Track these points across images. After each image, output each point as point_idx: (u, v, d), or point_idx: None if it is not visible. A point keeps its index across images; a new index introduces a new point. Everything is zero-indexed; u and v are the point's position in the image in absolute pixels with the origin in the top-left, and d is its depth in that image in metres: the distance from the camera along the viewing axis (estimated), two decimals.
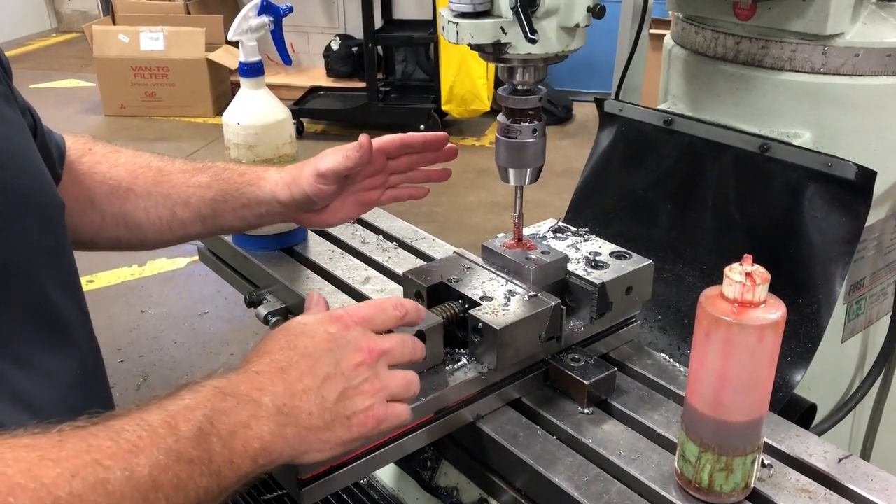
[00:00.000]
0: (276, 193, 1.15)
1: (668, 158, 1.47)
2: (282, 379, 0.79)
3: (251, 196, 1.16)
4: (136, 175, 1.15)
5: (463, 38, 0.98)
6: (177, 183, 1.16)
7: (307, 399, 0.78)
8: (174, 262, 4.09)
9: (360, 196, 1.24)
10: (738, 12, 1.34)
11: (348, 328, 0.84)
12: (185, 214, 1.15)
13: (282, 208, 1.17)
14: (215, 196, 1.15)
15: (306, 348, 0.82)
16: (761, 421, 0.89)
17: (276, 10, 1.40)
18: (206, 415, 0.71)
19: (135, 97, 6.20)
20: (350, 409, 0.81)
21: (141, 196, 1.14)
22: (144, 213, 1.14)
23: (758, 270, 0.84)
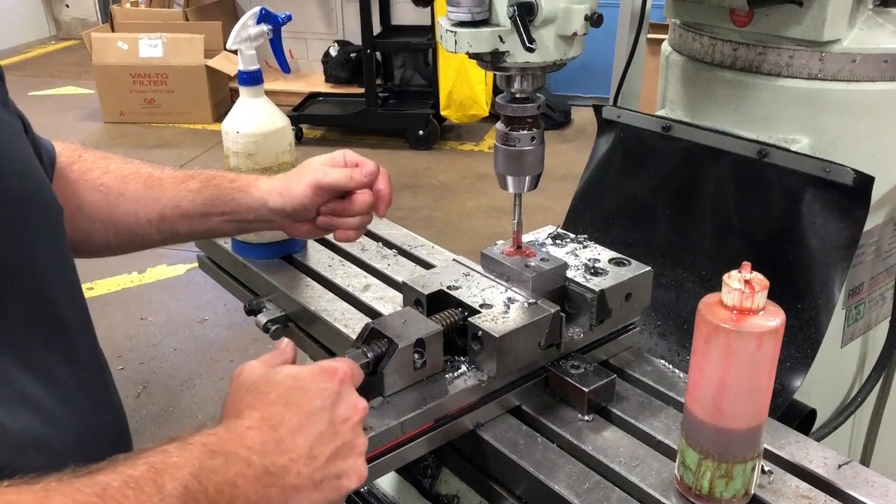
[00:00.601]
0: (267, 201, 1.15)
1: (666, 164, 1.47)
2: (272, 437, 0.77)
3: (241, 202, 1.16)
4: (127, 181, 1.15)
5: (461, 47, 0.98)
6: (167, 188, 1.16)
7: (297, 459, 0.77)
8: (174, 269, 4.09)
9: None
10: (736, 19, 1.34)
11: (343, 383, 0.83)
12: (173, 216, 1.16)
13: (271, 215, 1.17)
14: (205, 200, 1.16)
15: (299, 404, 0.79)
16: (761, 427, 0.89)
17: (275, 18, 1.40)
18: (193, 473, 0.70)
19: (134, 104, 6.21)
20: (341, 468, 0.80)
21: (131, 201, 1.14)
22: (134, 218, 1.14)
23: (756, 277, 0.84)
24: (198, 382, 3.25)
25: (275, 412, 0.78)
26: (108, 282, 3.93)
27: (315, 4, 6.69)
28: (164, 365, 3.35)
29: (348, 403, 0.83)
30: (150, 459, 0.70)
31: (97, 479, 0.66)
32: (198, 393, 3.18)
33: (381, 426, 0.96)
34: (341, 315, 1.31)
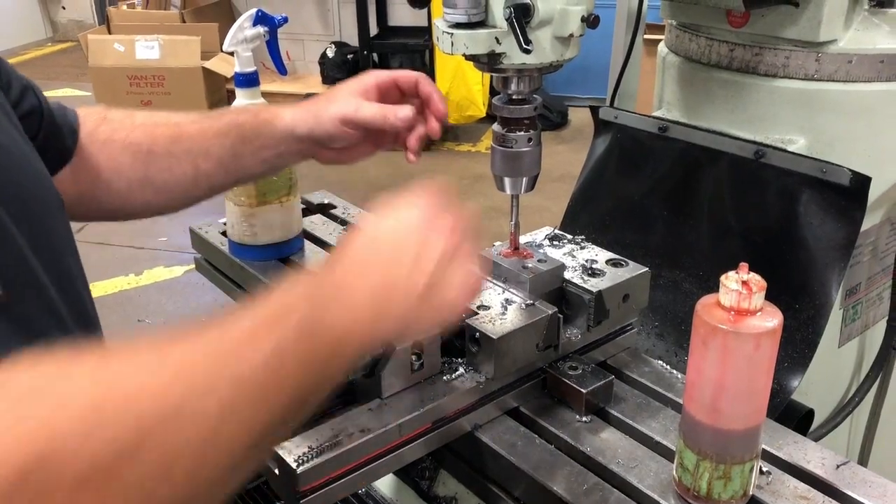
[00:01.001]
0: (294, 128, 1.13)
1: (663, 165, 1.47)
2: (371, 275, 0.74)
3: (269, 135, 1.14)
4: (155, 136, 1.14)
5: (458, 49, 0.98)
6: (194, 136, 1.14)
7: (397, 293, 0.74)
8: (171, 271, 4.09)
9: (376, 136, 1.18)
10: (732, 20, 1.34)
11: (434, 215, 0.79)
12: (207, 166, 1.14)
13: (298, 144, 1.14)
14: (234, 141, 1.14)
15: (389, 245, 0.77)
16: (759, 428, 0.89)
17: (272, 20, 1.40)
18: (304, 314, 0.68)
19: (130, 106, 6.15)
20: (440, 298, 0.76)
21: (162, 156, 1.13)
22: (169, 173, 1.13)
23: (754, 278, 0.84)
24: None
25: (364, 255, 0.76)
26: (105, 284, 3.92)
27: (312, 6, 6.69)
28: None
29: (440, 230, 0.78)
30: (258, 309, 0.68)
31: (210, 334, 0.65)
32: None
33: (379, 428, 0.96)
34: None
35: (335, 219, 1.64)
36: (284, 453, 0.90)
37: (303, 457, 0.90)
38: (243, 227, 1.44)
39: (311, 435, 0.94)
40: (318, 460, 0.91)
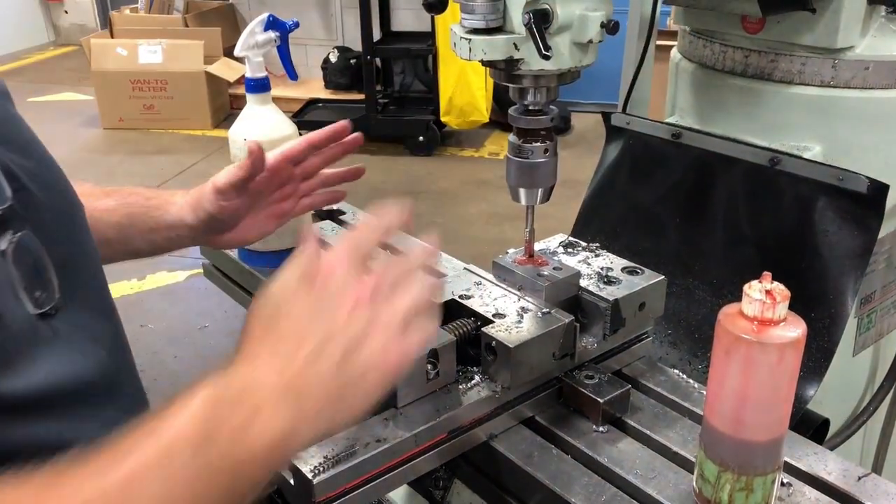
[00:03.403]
0: (183, 217, 1.14)
1: (676, 172, 1.46)
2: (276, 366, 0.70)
3: (159, 220, 1.15)
4: None
5: (476, 55, 0.97)
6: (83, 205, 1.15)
7: (309, 377, 0.70)
8: (174, 276, 4.08)
9: (272, 209, 1.22)
10: (747, 26, 1.33)
11: (325, 283, 0.74)
12: None
13: (191, 231, 1.15)
14: (121, 220, 1.14)
15: (289, 324, 0.73)
16: (782, 440, 0.88)
17: (283, 25, 1.40)
18: (199, 432, 0.66)
19: (133, 110, 6.20)
20: (360, 363, 0.72)
21: None
22: None
23: (777, 287, 0.83)
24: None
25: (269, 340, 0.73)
26: None
27: (315, 11, 6.69)
28: (164, 373, 3.33)
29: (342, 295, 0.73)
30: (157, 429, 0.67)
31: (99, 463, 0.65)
32: None
33: (395, 438, 0.94)
34: None
35: (344, 225, 1.63)
36: (301, 463, 0.89)
37: (319, 467, 0.89)
38: None
39: (327, 445, 0.92)
40: (334, 471, 0.89)
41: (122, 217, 1.14)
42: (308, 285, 0.75)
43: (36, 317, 0.78)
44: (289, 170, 1.21)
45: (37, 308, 0.78)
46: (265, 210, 1.21)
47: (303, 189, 1.24)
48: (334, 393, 0.71)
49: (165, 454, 0.66)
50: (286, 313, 0.74)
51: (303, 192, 1.24)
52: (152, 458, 0.65)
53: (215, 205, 1.12)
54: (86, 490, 0.63)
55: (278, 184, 1.21)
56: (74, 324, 0.83)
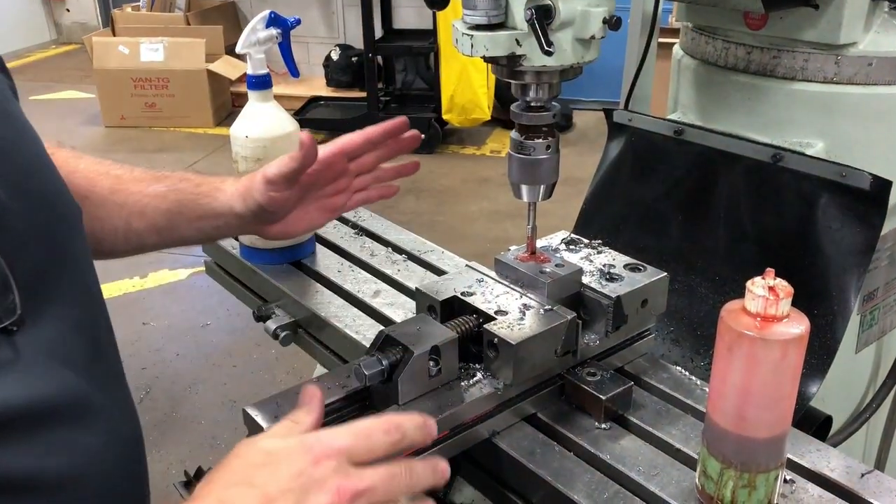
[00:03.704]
0: (233, 205, 1.12)
1: (678, 169, 1.46)
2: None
3: (207, 208, 1.13)
4: (94, 183, 1.11)
5: (478, 51, 0.97)
6: (133, 192, 1.12)
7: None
8: (176, 274, 4.08)
9: (324, 202, 1.19)
10: (750, 22, 1.33)
11: (318, 462, 0.71)
12: (139, 225, 1.12)
13: (238, 220, 1.13)
14: (170, 207, 1.12)
15: (265, 486, 0.70)
16: (785, 436, 0.87)
17: (284, 22, 1.39)
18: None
19: (135, 108, 6.20)
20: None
21: (96, 205, 1.10)
22: (99, 223, 1.10)
23: (780, 284, 0.83)
24: (201, 388, 3.23)
25: (232, 496, 0.69)
26: (109, 286, 3.91)
27: (316, 8, 6.69)
28: (166, 370, 3.34)
29: (322, 487, 0.70)
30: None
31: None
32: (201, 399, 3.16)
33: None
34: (352, 321, 1.30)
35: (346, 222, 1.63)
36: None
37: None
38: None
39: None
40: None
41: (171, 203, 1.12)
42: (301, 457, 0.72)
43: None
44: (343, 163, 1.17)
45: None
46: (316, 203, 1.18)
47: (356, 184, 1.21)
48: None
49: None
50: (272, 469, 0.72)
51: (356, 187, 1.21)
52: None
53: (265, 195, 1.09)
54: None
55: (332, 177, 1.18)
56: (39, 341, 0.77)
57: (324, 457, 0.72)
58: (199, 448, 2.87)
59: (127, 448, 0.87)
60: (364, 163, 1.20)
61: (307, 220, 1.18)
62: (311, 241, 1.50)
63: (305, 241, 1.48)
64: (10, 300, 0.74)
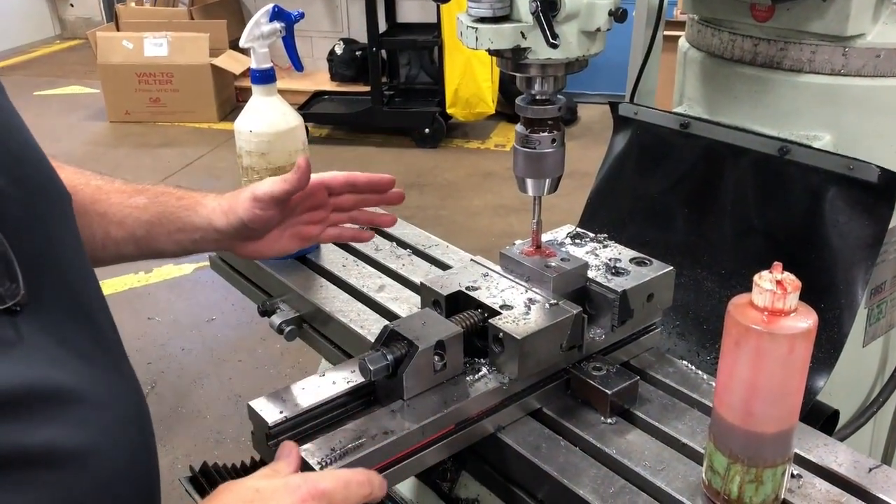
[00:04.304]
0: (213, 220, 1.14)
1: (684, 162, 1.45)
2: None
3: (187, 221, 1.14)
4: (75, 191, 1.11)
5: (482, 44, 0.97)
6: (113, 202, 1.13)
7: None
8: (181, 269, 4.08)
9: (299, 230, 1.22)
10: (756, 14, 1.32)
11: (304, 502, 0.77)
12: (118, 234, 1.13)
13: (217, 235, 1.15)
14: (151, 218, 1.13)
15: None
16: (792, 431, 0.87)
17: (288, 16, 1.39)
18: None
19: (139, 103, 6.20)
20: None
21: (77, 213, 1.10)
22: None
23: (788, 278, 0.82)
24: (206, 382, 3.23)
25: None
26: (114, 281, 3.92)
27: (320, 2, 6.67)
28: (172, 365, 3.34)
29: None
30: None
31: None
32: (206, 393, 3.17)
33: (402, 430, 0.94)
34: (357, 316, 1.30)
35: None
36: (308, 455, 0.89)
37: (326, 459, 0.89)
38: None
39: (334, 437, 0.92)
40: (341, 463, 0.89)
41: (151, 215, 1.13)
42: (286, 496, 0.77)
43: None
44: (323, 196, 1.21)
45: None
46: (292, 229, 1.21)
47: (332, 219, 1.25)
48: None
49: None
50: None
51: (331, 222, 1.25)
52: None
53: (250, 212, 1.12)
54: None
55: (310, 206, 1.21)
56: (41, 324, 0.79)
57: (309, 497, 0.77)
58: (204, 443, 2.88)
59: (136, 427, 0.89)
60: (343, 202, 1.24)
61: (280, 244, 1.21)
62: None
63: None
64: (14, 281, 0.76)
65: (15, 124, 0.87)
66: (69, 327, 0.84)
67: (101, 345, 0.89)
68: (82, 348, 0.85)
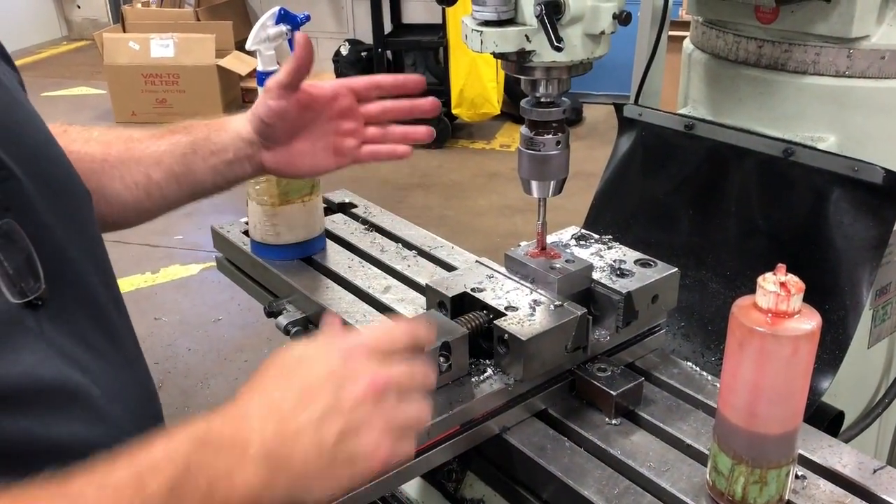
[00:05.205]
0: (239, 130, 1.13)
1: (689, 164, 1.46)
2: (273, 418, 0.71)
3: (218, 141, 1.14)
4: (109, 146, 1.14)
5: (487, 47, 0.97)
6: (147, 147, 1.14)
7: (302, 441, 0.70)
8: (187, 269, 4.09)
9: (331, 141, 1.17)
10: (761, 16, 1.32)
11: (350, 358, 0.76)
12: (158, 175, 1.13)
13: (247, 148, 1.13)
14: (185, 150, 1.13)
15: (303, 381, 0.74)
16: (796, 432, 0.87)
17: (294, 18, 1.39)
18: (179, 469, 0.66)
19: (146, 104, 6.22)
20: (353, 448, 0.72)
21: (115, 165, 1.12)
22: (121, 182, 1.12)
23: (792, 280, 0.82)
24: (212, 382, 3.25)
25: (276, 391, 0.73)
26: (121, 282, 3.89)
27: (326, 3, 6.69)
28: (178, 365, 3.36)
29: (357, 378, 0.73)
30: (133, 460, 0.66)
31: (69, 489, 0.63)
32: (213, 393, 3.18)
33: None
34: (363, 317, 1.30)
35: (356, 218, 1.64)
36: None
37: None
38: (266, 227, 1.44)
39: None
40: None
41: (185, 147, 1.13)
42: (333, 354, 0.76)
43: (19, 306, 0.76)
44: (349, 101, 1.16)
45: (20, 297, 0.76)
46: (323, 140, 1.16)
47: (367, 134, 1.18)
48: (317, 468, 0.71)
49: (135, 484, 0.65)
50: (308, 367, 0.75)
51: (366, 137, 1.18)
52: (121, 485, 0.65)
53: (263, 106, 1.10)
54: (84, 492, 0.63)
55: (338, 112, 1.16)
56: (59, 319, 0.81)
57: (354, 353, 0.76)
58: None
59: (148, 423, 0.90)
60: (372, 111, 1.18)
61: (315, 159, 1.17)
62: (321, 237, 1.50)
63: (316, 237, 1.48)
64: (36, 276, 0.78)
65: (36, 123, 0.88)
66: (86, 324, 0.85)
67: (115, 342, 0.91)
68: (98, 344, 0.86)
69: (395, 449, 0.74)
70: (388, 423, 0.74)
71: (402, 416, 0.76)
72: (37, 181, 0.82)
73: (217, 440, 0.69)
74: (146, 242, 4.28)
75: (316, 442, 0.70)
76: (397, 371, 0.77)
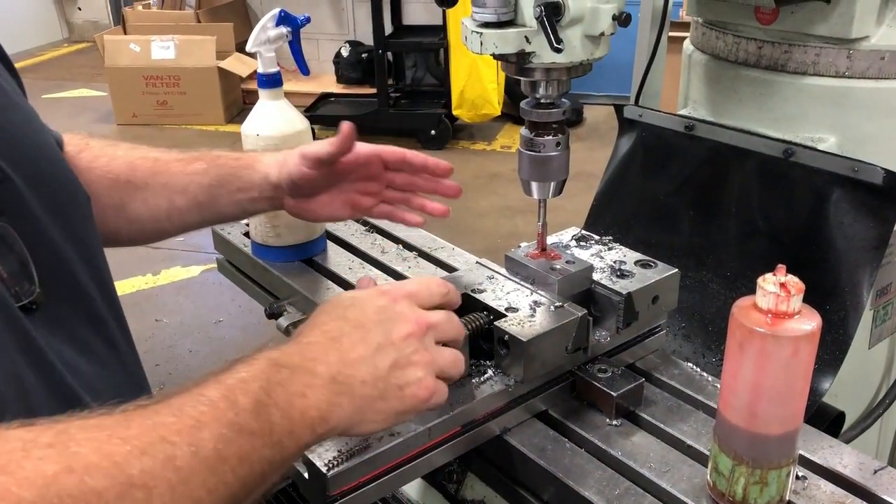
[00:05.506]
0: (269, 174, 1.17)
1: (689, 164, 1.46)
2: (335, 348, 0.79)
3: (246, 179, 1.17)
4: (134, 166, 1.16)
5: (487, 48, 0.97)
6: (174, 172, 1.16)
7: (360, 368, 0.79)
8: (188, 271, 4.10)
9: (351, 197, 1.24)
10: (761, 17, 1.32)
11: (396, 301, 0.86)
12: (182, 203, 1.16)
13: (272, 191, 1.18)
14: (212, 182, 1.16)
15: (357, 319, 0.83)
16: (796, 433, 0.87)
17: (294, 20, 1.40)
18: (262, 386, 0.71)
19: (146, 106, 6.23)
20: (402, 379, 0.81)
21: (139, 187, 1.14)
22: (143, 204, 1.14)
23: (792, 280, 0.83)
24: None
25: (334, 327, 0.82)
26: (122, 283, 3.94)
27: (326, 5, 6.69)
28: (179, 367, 3.36)
29: (404, 318, 0.84)
30: (220, 378, 0.71)
31: (172, 402, 0.67)
32: None
33: (409, 432, 0.95)
34: None
35: (357, 219, 1.64)
36: (315, 457, 0.89)
37: (333, 461, 0.90)
38: (266, 228, 1.44)
39: (342, 439, 0.93)
40: (348, 464, 0.90)
41: (212, 178, 1.17)
42: (380, 298, 0.87)
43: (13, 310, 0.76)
44: (378, 168, 1.23)
45: (14, 301, 0.77)
46: (345, 196, 1.23)
47: (387, 196, 1.26)
48: (372, 396, 0.79)
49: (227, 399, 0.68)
50: (359, 307, 0.85)
51: (385, 198, 1.26)
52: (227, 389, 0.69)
53: (297, 169, 1.15)
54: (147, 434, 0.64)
55: (365, 176, 1.23)
56: (54, 323, 0.82)
57: (399, 297, 0.87)
58: None
59: None
60: (397, 179, 1.25)
61: (332, 208, 1.24)
62: (322, 238, 1.50)
63: (317, 239, 1.48)
64: (31, 279, 0.79)
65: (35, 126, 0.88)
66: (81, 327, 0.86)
67: (111, 345, 0.91)
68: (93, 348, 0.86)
69: (437, 386, 0.84)
70: (430, 362, 0.84)
71: (442, 360, 0.86)
72: (33, 184, 0.82)
73: (289, 364, 0.76)
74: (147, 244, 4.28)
75: (372, 370, 0.80)
76: (435, 318, 0.87)
